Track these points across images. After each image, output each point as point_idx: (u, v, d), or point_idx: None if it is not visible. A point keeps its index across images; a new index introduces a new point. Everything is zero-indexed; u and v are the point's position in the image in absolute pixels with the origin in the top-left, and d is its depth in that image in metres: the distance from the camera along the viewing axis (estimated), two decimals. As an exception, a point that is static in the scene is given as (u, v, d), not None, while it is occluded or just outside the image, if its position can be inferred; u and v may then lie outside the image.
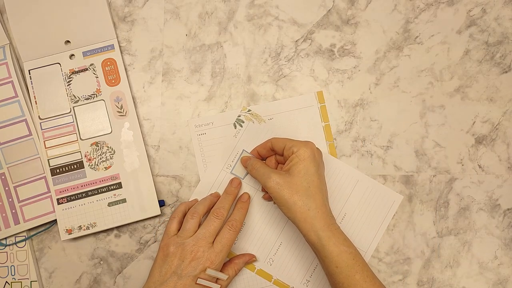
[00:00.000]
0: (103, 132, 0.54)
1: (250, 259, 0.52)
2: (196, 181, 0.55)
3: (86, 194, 0.53)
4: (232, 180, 0.53)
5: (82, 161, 0.54)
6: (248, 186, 0.54)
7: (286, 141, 0.49)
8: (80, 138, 0.54)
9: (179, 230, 0.49)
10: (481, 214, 0.54)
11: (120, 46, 0.55)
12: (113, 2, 0.56)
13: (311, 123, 0.54)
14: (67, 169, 0.54)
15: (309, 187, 0.46)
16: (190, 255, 0.46)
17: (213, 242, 0.48)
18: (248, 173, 0.53)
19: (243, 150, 0.53)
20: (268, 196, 0.53)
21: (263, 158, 0.53)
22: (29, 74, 0.54)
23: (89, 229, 0.53)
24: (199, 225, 0.49)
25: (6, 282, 0.54)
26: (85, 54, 0.55)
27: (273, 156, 0.52)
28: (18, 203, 0.54)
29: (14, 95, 0.54)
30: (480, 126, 0.54)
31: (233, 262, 0.51)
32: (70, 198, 0.53)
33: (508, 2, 0.55)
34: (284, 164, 0.50)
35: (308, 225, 0.45)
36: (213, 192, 0.54)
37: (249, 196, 0.53)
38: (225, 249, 0.48)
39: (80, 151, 0.54)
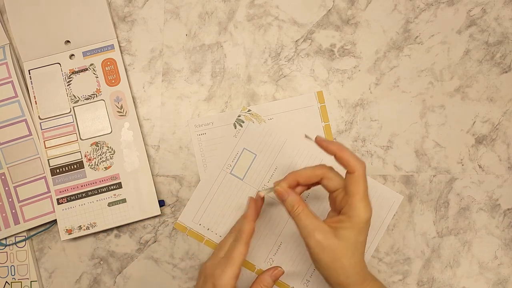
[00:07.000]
0: (103, 132, 0.54)
1: (275, 270, 0.48)
2: (196, 181, 0.55)
3: (86, 194, 0.53)
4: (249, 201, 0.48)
5: (82, 161, 0.54)
6: (248, 186, 0.54)
7: (341, 183, 0.42)
8: (80, 138, 0.54)
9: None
10: (481, 214, 0.54)
11: (120, 46, 0.55)
12: (113, 2, 0.56)
13: (311, 123, 0.54)
14: (67, 169, 0.54)
15: (354, 255, 0.41)
16: (210, 271, 0.46)
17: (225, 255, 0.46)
18: (270, 194, 0.47)
19: (276, 167, 0.46)
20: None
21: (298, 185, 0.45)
22: (29, 74, 0.54)
23: (89, 229, 0.53)
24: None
25: (6, 282, 0.54)
26: (85, 54, 0.55)
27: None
28: (18, 203, 0.54)
29: (14, 95, 0.54)
30: (480, 126, 0.54)
31: (260, 278, 0.48)
32: (70, 198, 0.53)
33: (508, 2, 0.55)
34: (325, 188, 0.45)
35: None
36: (213, 193, 0.54)
37: (255, 200, 0.48)
38: (236, 261, 0.44)
39: (80, 151, 0.54)
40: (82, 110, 0.54)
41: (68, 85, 0.54)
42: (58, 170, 0.54)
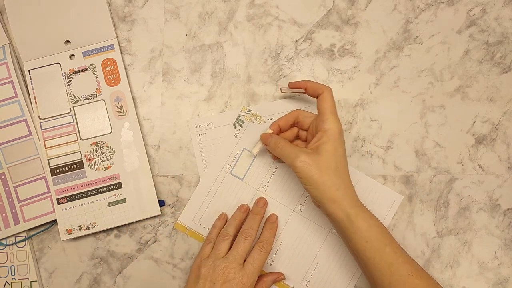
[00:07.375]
0: (103, 132, 0.54)
1: (278, 277, 0.52)
2: (196, 181, 0.55)
3: (86, 194, 0.53)
4: (258, 201, 0.53)
5: (82, 161, 0.54)
6: (248, 186, 0.54)
7: (313, 116, 0.49)
8: (80, 138, 0.54)
9: None
10: (481, 214, 0.54)
11: (120, 46, 0.55)
12: (113, 2, 0.56)
13: (311, 123, 0.54)
14: (67, 169, 0.54)
15: (338, 167, 0.45)
16: (221, 277, 0.46)
17: (244, 263, 0.48)
18: (270, 153, 0.52)
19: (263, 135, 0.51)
20: (275, 157, 0.52)
21: (282, 132, 0.52)
22: (29, 74, 0.54)
23: (89, 229, 0.53)
24: (231, 246, 0.49)
25: (6, 282, 0.54)
26: (85, 54, 0.55)
27: (293, 129, 0.52)
28: (18, 203, 0.54)
29: (14, 95, 0.54)
30: (480, 126, 0.54)
31: (261, 280, 0.51)
32: (70, 198, 0.53)
33: (508, 2, 0.55)
34: (305, 139, 0.51)
35: (336, 204, 0.45)
36: (213, 193, 0.54)
37: (277, 218, 0.53)
38: (256, 271, 0.48)
39: (80, 151, 0.54)
40: (82, 110, 0.54)
41: (68, 85, 0.54)
42: (58, 170, 0.54)
